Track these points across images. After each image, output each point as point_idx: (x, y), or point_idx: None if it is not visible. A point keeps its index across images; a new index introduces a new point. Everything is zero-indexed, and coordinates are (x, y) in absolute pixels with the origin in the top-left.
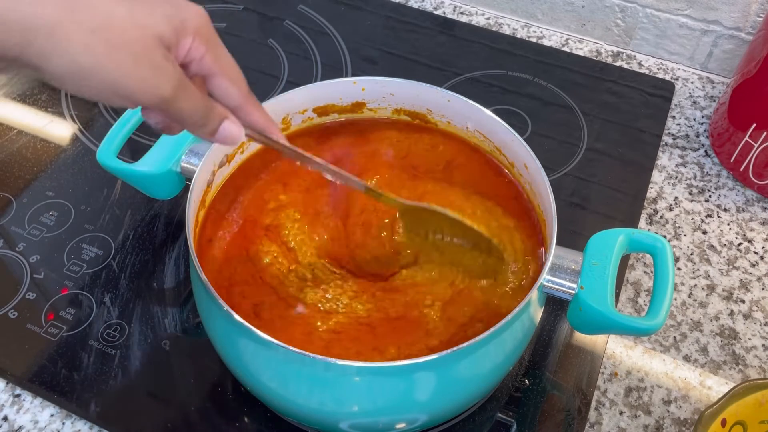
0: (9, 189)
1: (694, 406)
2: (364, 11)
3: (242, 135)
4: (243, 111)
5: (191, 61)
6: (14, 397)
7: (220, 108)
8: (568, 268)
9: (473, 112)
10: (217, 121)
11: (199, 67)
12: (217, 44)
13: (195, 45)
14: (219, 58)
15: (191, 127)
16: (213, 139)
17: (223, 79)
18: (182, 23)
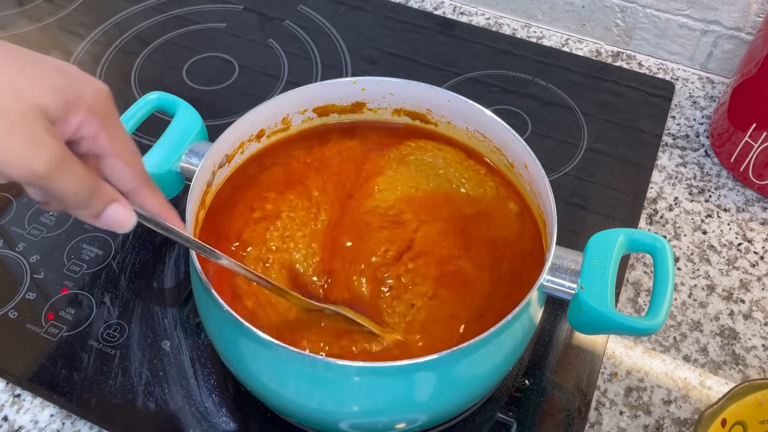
0: (9, 189)
1: (694, 406)
2: (364, 11)
3: (133, 220)
4: (138, 195)
5: (81, 138)
6: (14, 397)
7: (108, 189)
8: (568, 268)
9: (473, 112)
10: (101, 203)
11: (91, 146)
12: (113, 124)
13: (87, 122)
14: (114, 138)
15: (71, 208)
16: (98, 223)
17: (117, 160)
18: (74, 97)
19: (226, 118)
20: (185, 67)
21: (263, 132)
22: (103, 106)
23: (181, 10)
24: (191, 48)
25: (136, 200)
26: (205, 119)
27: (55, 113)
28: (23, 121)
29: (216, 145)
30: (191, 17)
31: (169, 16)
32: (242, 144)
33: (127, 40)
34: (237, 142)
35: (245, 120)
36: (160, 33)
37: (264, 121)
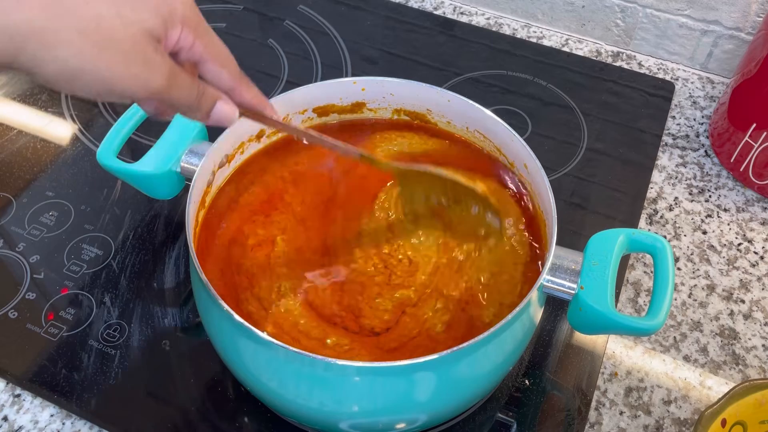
0: (9, 189)
1: (694, 406)
2: (364, 11)
3: (236, 115)
4: (236, 92)
5: (180, 49)
6: (14, 397)
7: (212, 90)
8: (568, 268)
9: (473, 112)
10: (210, 103)
11: (189, 55)
12: (205, 31)
13: (183, 34)
14: (208, 45)
15: (186, 112)
16: (208, 121)
17: (214, 65)
18: (170, 14)
19: None
20: None
21: (263, 132)
22: (194, 17)
23: None
24: None
25: (235, 97)
26: None
27: (158, 32)
28: (136, 47)
29: (216, 145)
30: None
31: None
32: (242, 144)
33: None
34: (237, 142)
35: (245, 120)
36: None
37: None
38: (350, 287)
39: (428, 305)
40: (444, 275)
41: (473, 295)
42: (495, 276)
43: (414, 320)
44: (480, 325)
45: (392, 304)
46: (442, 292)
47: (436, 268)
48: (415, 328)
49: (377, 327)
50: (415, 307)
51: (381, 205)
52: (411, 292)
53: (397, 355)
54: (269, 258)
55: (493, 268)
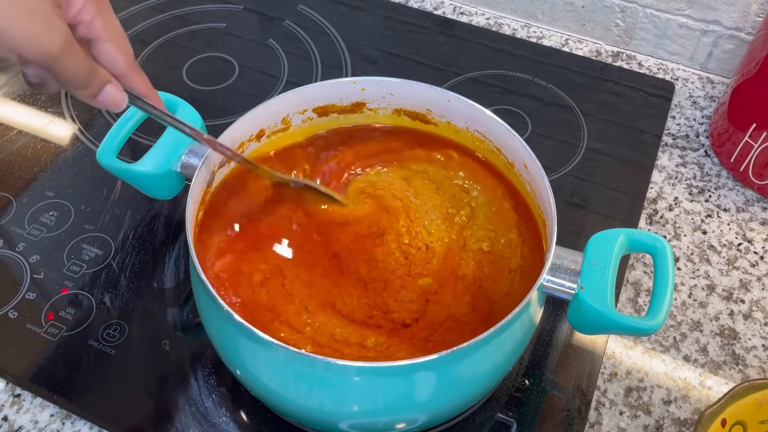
0: (9, 189)
1: (694, 406)
2: (364, 11)
3: (124, 100)
4: (127, 78)
5: (80, 22)
6: (14, 397)
7: (103, 72)
8: (568, 268)
9: (473, 112)
10: (100, 83)
11: (87, 31)
12: (107, 9)
13: (86, 7)
14: (108, 24)
15: (73, 88)
16: (95, 102)
17: (110, 45)
18: None
19: (226, 118)
20: (185, 67)
21: (263, 132)
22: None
23: (181, 10)
24: (191, 48)
25: (126, 82)
26: (205, 119)
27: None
28: (40, 6)
29: None
30: (191, 17)
31: (169, 16)
32: (242, 144)
33: None
34: (237, 142)
35: (245, 120)
36: (160, 33)
37: (264, 121)
38: (373, 286)
39: (448, 290)
40: (455, 256)
41: (483, 270)
42: (494, 242)
43: (439, 307)
44: (498, 299)
45: (416, 293)
46: (457, 274)
47: (448, 249)
48: (442, 314)
49: (407, 319)
50: (437, 294)
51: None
52: (431, 279)
53: (430, 346)
54: (284, 287)
55: (489, 234)
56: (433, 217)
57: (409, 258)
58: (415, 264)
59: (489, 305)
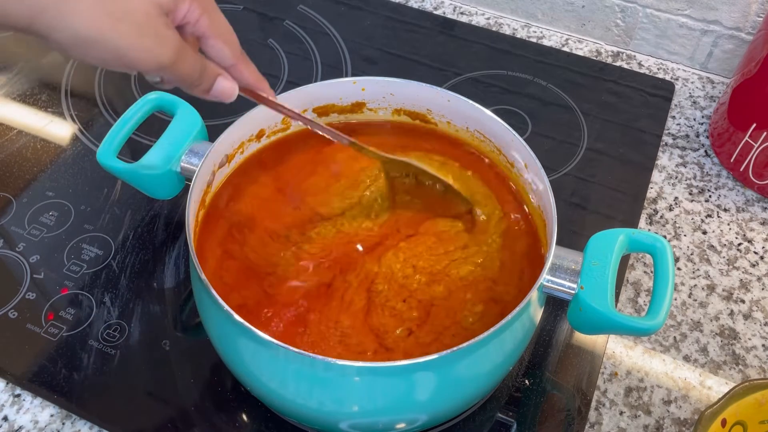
0: (9, 189)
1: (694, 406)
2: (364, 11)
3: (236, 91)
4: (236, 69)
5: (187, 23)
6: (14, 397)
7: (213, 66)
8: (568, 268)
9: (473, 112)
10: (212, 79)
11: (194, 29)
12: (212, 7)
13: (191, 9)
14: (213, 21)
15: (187, 86)
16: (208, 96)
17: (217, 41)
18: None
19: (226, 118)
20: None
21: (263, 132)
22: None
23: None
24: None
25: (235, 74)
26: (205, 119)
27: (168, 6)
28: (148, 20)
29: (216, 145)
30: None
31: None
32: (242, 144)
33: None
34: (237, 142)
35: (245, 120)
36: None
37: (264, 121)
38: (375, 311)
39: (458, 297)
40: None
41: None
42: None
43: (445, 312)
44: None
45: (417, 301)
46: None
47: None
48: (447, 318)
49: (412, 327)
50: (446, 300)
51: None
52: (441, 287)
53: (433, 349)
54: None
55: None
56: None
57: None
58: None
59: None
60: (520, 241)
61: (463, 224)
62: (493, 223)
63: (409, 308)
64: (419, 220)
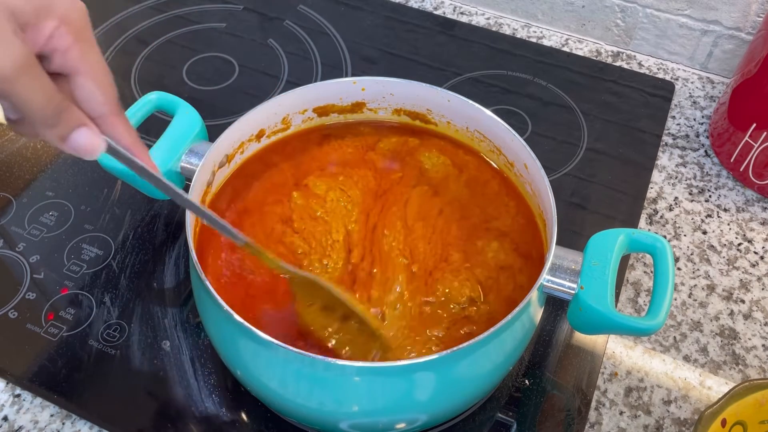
0: (9, 189)
1: (694, 406)
2: (364, 11)
3: (100, 147)
4: (106, 121)
5: (54, 50)
6: (14, 397)
7: (77, 112)
8: (568, 268)
9: (473, 112)
10: (70, 124)
11: (62, 61)
12: (87, 39)
13: (59, 33)
14: (86, 54)
15: (39, 125)
16: (65, 147)
17: (87, 80)
18: (46, 4)
19: (226, 118)
20: (185, 67)
21: (263, 132)
22: (78, 20)
23: (181, 10)
24: (191, 48)
25: (105, 128)
26: (205, 119)
27: (25, 17)
28: None
29: (216, 145)
30: (191, 17)
31: (169, 16)
32: (242, 144)
33: (127, 40)
34: (237, 142)
35: (245, 120)
36: (160, 33)
37: (264, 121)
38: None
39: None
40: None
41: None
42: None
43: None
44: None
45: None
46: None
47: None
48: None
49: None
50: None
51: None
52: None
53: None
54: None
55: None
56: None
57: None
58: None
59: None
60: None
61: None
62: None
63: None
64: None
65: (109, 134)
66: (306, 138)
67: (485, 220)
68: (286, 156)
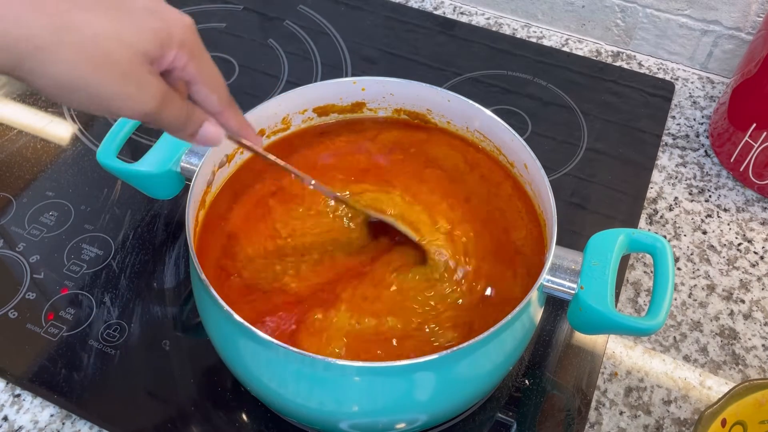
0: (9, 189)
1: (694, 406)
2: (364, 11)
3: (222, 136)
4: (223, 116)
5: (174, 68)
6: (14, 397)
7: (200, 112)
8: (568, 268)
9: (473, 112)
10: (197, 124)
11: (181, 74)
12: (200, 54)
13: (179, 56)
14: (201, 67)
15: (172, 131)
16: (193, 141)
17: (204, 87)
18: (168, 38)
19: None
20: None
21: (263, 132)
22: (191, 40)
23: (181, 10)
24: None
25: (221, 120)
26: None
27: (154, 54)
28: (132, 68)
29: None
30: (191, 17)
31: None
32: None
33: None
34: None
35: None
36: None
37: (264, 121)
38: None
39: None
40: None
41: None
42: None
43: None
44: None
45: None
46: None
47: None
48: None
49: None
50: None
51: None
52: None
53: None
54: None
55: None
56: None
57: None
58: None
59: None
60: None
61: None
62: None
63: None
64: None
65: (224, 125)
66: (302, 137)
67: (506, 230)
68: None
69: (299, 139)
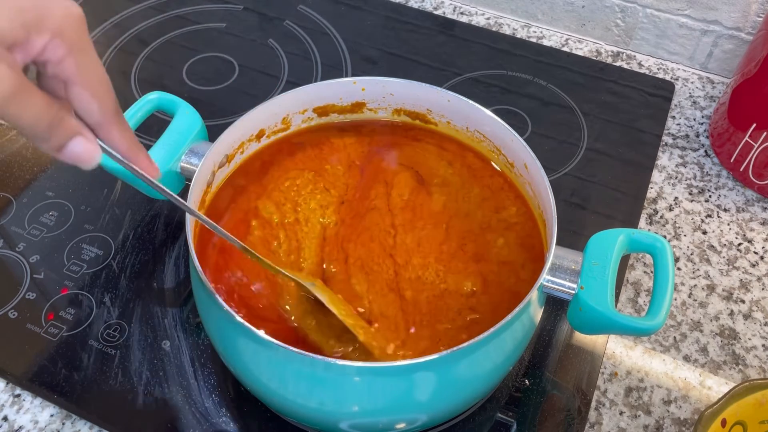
0: (9, 189)
1: (694, 406)
2: (364, 11)
3: (96, 157)
4: (103, 129)
5: (46, 61)
6: (14, 397)
7: (72, 122)
8: (568, 268)
9: (473, 112)
10: (65, 135)
11: (56, 71)
12: (83, 49)
13: (52, 45)
14: (82, 66)
15: (32, 139)
16: (60, 156)
17: (82, 90)
18: (38, 19)
19: (226, 118)
20: (185, 67)
21: (263, 132)
22: (73, 30)
23: (181, 10)
24: (191, 48)
25: (102, 135)
26: (205, 119)
27: (12, 36)
28: None
29: (216, 145)
30: (191, 17)
31: (169, 16)
32: (242, 144)
33: (127, 40)
34: (237, 142)
35: (245, 120)
36: (160, 33)
37: (264, 121)
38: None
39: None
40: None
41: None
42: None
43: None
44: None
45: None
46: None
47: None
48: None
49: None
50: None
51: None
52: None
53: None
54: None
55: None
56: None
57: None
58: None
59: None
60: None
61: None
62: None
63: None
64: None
65: (106, 141)
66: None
67: (491, 212)
68: (282, 158)
69: (298, 137)
